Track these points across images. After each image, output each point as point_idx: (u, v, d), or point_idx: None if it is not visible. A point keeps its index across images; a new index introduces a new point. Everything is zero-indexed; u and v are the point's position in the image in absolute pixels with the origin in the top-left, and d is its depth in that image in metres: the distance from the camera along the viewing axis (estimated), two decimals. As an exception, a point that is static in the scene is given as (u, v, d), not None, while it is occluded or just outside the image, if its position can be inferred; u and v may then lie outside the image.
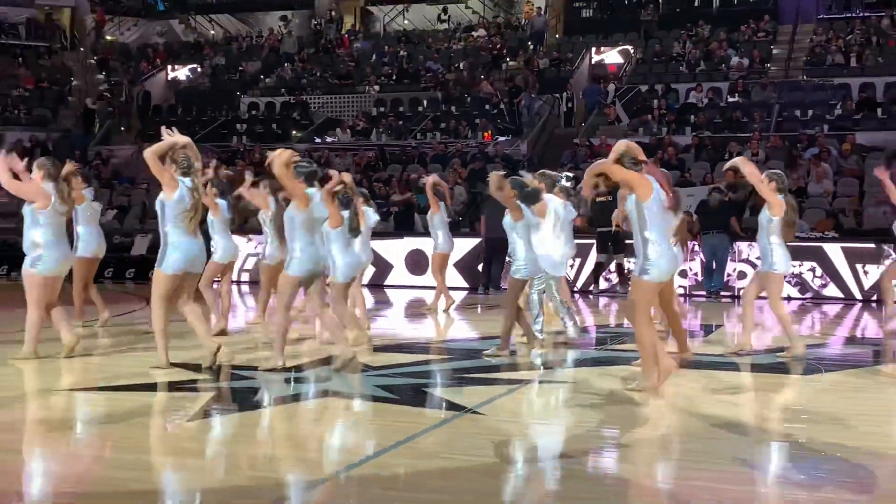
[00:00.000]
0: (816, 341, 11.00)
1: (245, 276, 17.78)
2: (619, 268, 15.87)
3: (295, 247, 7.92)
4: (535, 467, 5.45)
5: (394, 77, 28.09)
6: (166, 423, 6.33)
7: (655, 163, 19.73)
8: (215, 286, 11.00)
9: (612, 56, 27.03)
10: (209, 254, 9.82)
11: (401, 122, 25.30)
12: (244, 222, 14.70)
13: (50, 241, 8.24)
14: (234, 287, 15.09)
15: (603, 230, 14.85)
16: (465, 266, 16.90)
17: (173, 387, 7.50)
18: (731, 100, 23.68)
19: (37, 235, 8.23)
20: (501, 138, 23.39)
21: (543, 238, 9.34)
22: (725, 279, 15.48)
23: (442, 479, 4.93)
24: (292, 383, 7.73)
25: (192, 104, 28.59)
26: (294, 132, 25.78)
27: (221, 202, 10.79)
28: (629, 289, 7.95)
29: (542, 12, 30.55)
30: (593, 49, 27.22)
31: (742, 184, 8.26)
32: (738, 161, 8.96)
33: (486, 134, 23.61)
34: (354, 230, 8.65)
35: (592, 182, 7.75)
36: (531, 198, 9.17)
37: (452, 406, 6.86)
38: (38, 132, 26.90)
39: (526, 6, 31.43)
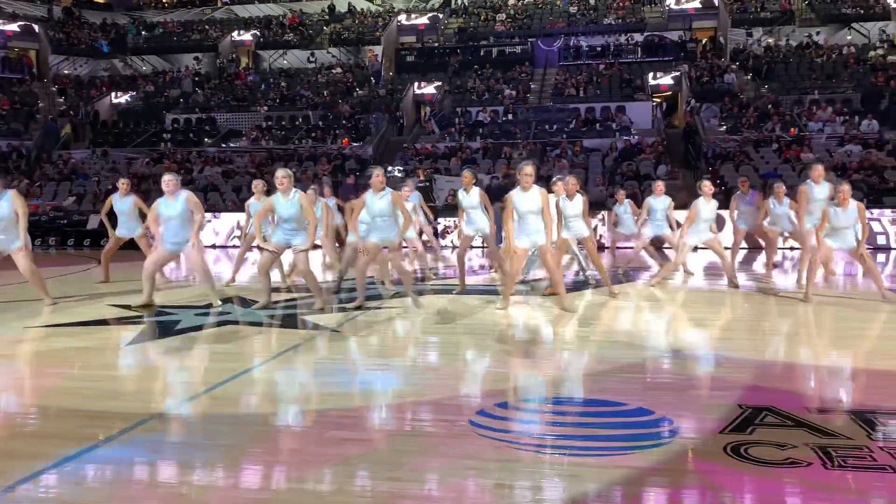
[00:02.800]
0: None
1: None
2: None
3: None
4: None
5: (277, 101, 27.40)
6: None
7: (457, 161, 20.02)
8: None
9: (428, 88, 27.09)
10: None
11: (283, 133, 24.77)
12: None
13: None
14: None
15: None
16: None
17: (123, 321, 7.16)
18: (505, 119, 24.14)
19: None
20: (354, 144, 23.19)
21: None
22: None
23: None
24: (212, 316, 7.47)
25: (130, 120, 27.32)
26: (206, 140, 25.01)
27: None
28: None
29: (380, 57, 30.36)
30: (415, 83, 27.19)
31: (512, 175, 8.48)
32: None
33: (343, 140, 23.38)
34: None
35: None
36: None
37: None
38: (13, 140, 25.24)
39: (369, 52, 31.17)
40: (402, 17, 32.56)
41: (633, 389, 4.43)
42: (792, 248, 13.62)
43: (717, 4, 29.36)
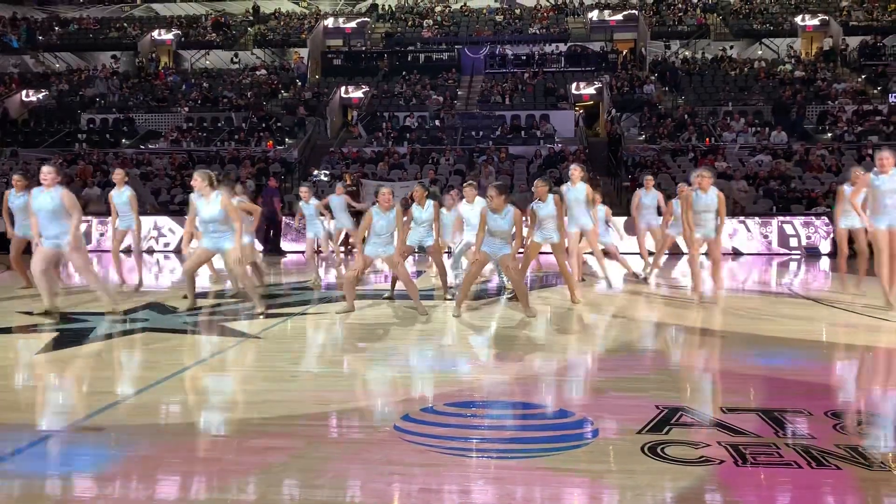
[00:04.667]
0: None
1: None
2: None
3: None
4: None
5: (199, 101, 26.73)
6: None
7: (385, 165, 19.96)
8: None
9: (355, 92, 26.92)
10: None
11: (204, 134, 24.17)
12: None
13: None
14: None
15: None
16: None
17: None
18: (432, 124, 24.22)
19: None
20: (279, 146, 22.84)
21: None
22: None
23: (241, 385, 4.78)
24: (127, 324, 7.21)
25: (42, 119, 26.13)
26: (123, 140, 24.19)
27: None
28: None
29: (305, 59, 30.02)
30: (342, 87, 27.00)
31: (439, 180, 8.54)
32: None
33: (268, 143, 22.99)
34: None
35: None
36: None
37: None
38: (-87, 138, 23.79)
39: (294, 54, 30.78)
40: (329, 21, 32.31)
41: (553, 391, 4.51)
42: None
43: (637, 17, 30.28)
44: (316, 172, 19.99)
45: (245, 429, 3.88)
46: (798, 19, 28.95)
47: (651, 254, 11.15)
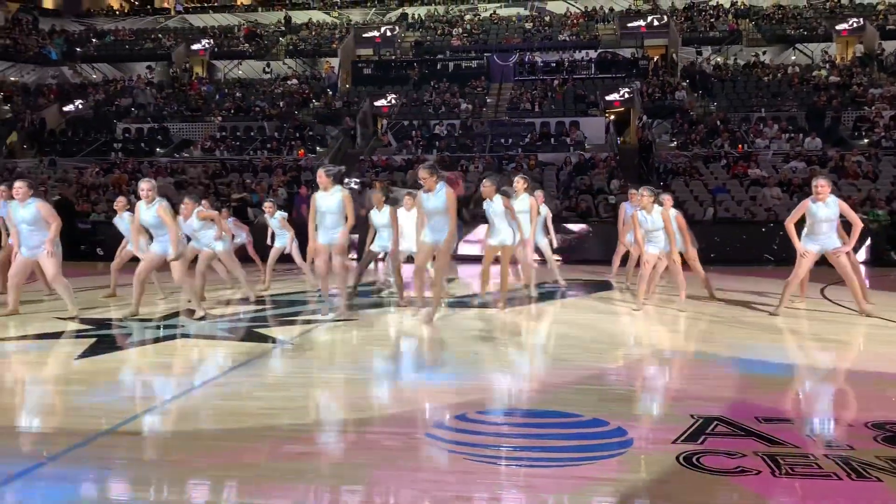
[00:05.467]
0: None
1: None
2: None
3: None
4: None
5: (232, 111, 27.10)
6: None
7: (414, 173, 20.09)
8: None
9: (385, 101, 27.08)
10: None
11: (237, 143, 24.49)
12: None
13: None
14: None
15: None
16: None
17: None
18: (461, 132, 24.27)
19: None
20: (310, 155, 23.07)
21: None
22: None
23: (265, 390, 4.84)
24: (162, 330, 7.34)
25: (80, 129, 26.69)
26: (158, 149, 24.61)
27: None
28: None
29: (336, 69, 30.30)
30: (372, 96, 27.17)
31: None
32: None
33: (299, 152, 23.24)
34: None
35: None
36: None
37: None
38: (-43, 149, 24.49)
39: (325, 64, 31.07)
40: (360, 30, 32.59)
41: (588, 401, 4.49)
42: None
43: (667, 23, 30.08)
44: (346, 180, 20.13)
45: (279, 434, 3.92)
46: (832, 24, 28.55)
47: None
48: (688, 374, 5.53)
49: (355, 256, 12.00)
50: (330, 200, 7.57)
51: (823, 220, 7.67)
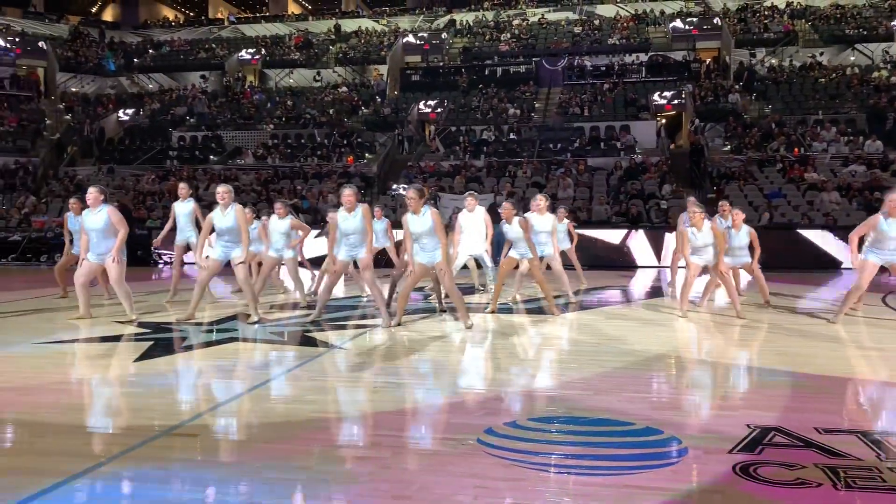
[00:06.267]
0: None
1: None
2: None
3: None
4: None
5: (283, 119, 27.57)
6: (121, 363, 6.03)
7: (462, 179, 20.11)
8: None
9: (432, 106, 27.22)
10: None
11: (289, 150, 24.88)
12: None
13: None
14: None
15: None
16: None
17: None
18: (509, 137, 24.23)
19: None
20: (359, 161, 23.31)
21: None
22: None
23: (315, 393, 4.90)
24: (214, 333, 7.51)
25: (136, 137, 27.48)
26: (211, 157, 25.17)
27: None
28: None
29: (385, 76, 30.57)
30: (420, 102, 27.34)
31: (515, 194, 8.58)
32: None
33: (349, 158, 23.50)
34: None
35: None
36: None
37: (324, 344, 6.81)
38: (21, 157, 25.47)
39: (374, 71, 31.38)
40: (408, 37, 32.83)
41: (640, 409, 4.42)
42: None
43: (720, 25, 29.56)
44: (395, 186, 20.28)
45: (332, 438, 3.96)
46: (894, 22, 27.66)
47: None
48: (743, 383, 5.41)
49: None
50: (354, 221, 7.63)
51: (894, 238, 7.42)
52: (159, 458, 3.60)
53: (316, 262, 12.08)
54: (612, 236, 16.37)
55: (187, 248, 9.94)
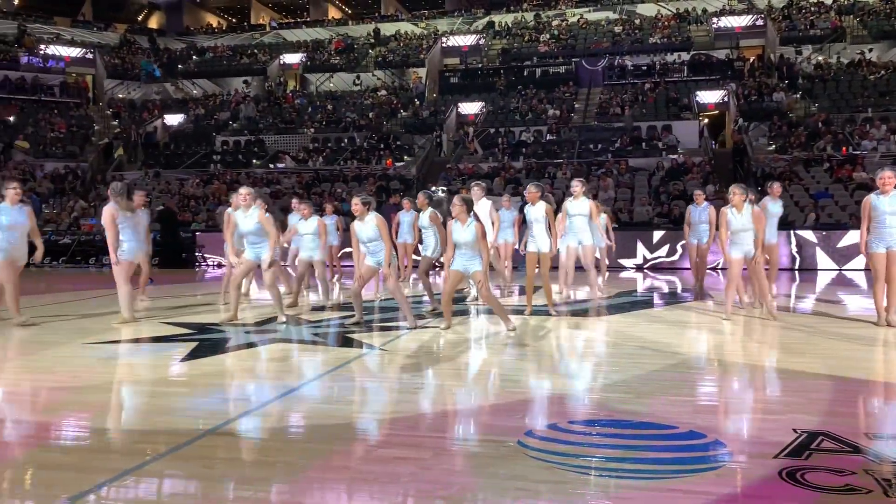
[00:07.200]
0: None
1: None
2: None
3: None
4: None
5: (323, 122, 27.86)
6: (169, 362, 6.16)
7: (501, 181, 20.06)
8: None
9: (471, 108, 27.25)
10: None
11: (329, 153, 25.12)
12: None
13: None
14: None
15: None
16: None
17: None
18: (548, 138, 24.12)
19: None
20: (399, 164, 23.43)
21: None
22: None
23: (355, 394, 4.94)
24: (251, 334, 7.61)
25: (181, 142, 28.04)
26: (254, 161, 25.52)
27: None
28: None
29: (423, 79, 30.69)
30: (458, 104, 27.39)
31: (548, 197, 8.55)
32: None
33: (388, 161, 23.63)
34: None
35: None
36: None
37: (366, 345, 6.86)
38: (70, 162, 26.18)
39: (413, 74, 31.52)
40: (447, 39, 32.91)
41: (683, 412, 4.37)
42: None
43: (764, 23, 29.03)
44: (434, 188, 20.32)
45: (373, 438, 4.00)
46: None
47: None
48: (788, 386, 5.30)
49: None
50: (368, 228, 7.68)
51: (888, 214, 7.35)
52: (204, 457, 3.67)
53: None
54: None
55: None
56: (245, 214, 8.09)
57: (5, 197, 7.87)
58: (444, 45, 32.71)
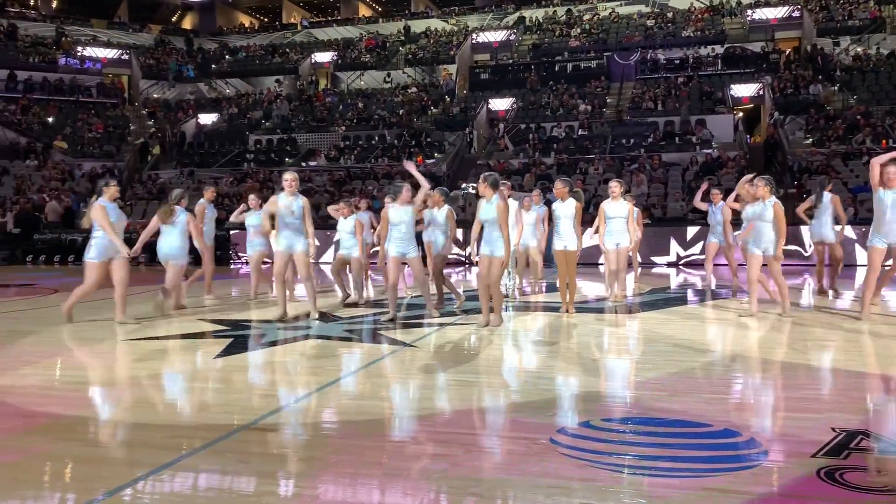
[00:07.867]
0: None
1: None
2: None
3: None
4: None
5: (354, 120, 28.00)
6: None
7: (531, 177, 19.99)
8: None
9: (502, 104, 27.17)
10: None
11: (360, 151, 25.25)
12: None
13: None
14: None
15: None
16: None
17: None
18: (579, 133, 23.95)
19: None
20: (429, 160, 23.45)
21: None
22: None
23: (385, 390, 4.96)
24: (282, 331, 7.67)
25: (215, 141, 28.41)
26: (286, 159, 25.74)
27: None
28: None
29: (454, 75, 30.67)
30: (489, 100, 27.32)
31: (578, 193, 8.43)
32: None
33: (418, 158, 23.65)
34: None
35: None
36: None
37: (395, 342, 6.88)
38: (107, 162, 26.67)
39: (443, 71, 31.51)
40: (477, 35, 32.84)
41: (718, 410, 4.31)
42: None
43: (801, 14, 28.49)
44: (464, 185, 20.31)
45: (405, 435, 4.01)
46: None
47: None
48: (825, 385, 5.20)
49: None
50: (402, 213, 7.78)
51: (890, 207, 7.24)
52: (238, 452, 3.71)
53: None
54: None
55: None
56: (289, 201, 8.00)
57: (105, 194, 7.79)
58: (474, 41, 32.64)
